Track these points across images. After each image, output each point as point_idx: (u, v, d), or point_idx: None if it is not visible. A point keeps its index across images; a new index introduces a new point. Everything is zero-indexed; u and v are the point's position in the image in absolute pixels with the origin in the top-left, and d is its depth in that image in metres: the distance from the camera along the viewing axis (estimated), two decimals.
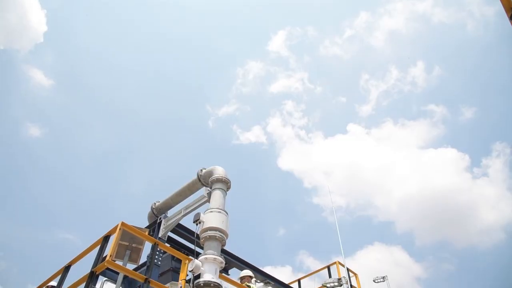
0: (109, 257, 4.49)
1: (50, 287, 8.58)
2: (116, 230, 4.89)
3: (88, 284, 4.53)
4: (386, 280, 16.84)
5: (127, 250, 5.95)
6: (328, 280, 9.35)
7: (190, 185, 6.40)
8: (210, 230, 5.20)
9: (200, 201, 6.17)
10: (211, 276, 4.79)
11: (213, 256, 4.95)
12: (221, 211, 5.46)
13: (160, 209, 6.64)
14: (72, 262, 5.51)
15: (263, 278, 8.40)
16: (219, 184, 5.88)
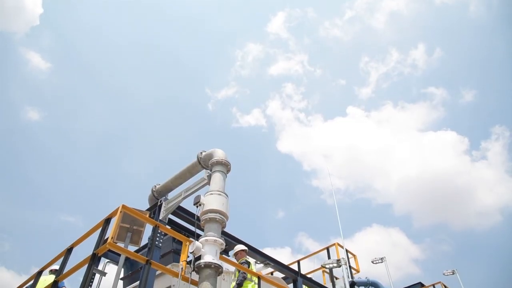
0: (110, 239, 4.53)
1: (53, 271, 8.71)
2: (117, 212, 4.92)
3: (91, 265, 4.59)
4: (384, 261, 17.11)
5: (128, 232, 6.00)
6: (327, 261, 9.46)
7: (190, 168, 6.41)
8: (211, 212, 5.24)
9: (200, 184, 6.20)
10: (211, 258, 4.85)
11: (214, 238, 5.00)
12: (221, 193, 5.49)
13: (160, 191, 6.67)
14: (74, 244, 5.56)
15: (262, 259, 8.50)
16: (219, 167, 5.89)
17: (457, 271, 16.63)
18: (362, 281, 13.19)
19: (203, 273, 4.77)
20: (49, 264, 6.05)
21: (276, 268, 8.83)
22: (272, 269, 9.53)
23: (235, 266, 6.30)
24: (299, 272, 9.02)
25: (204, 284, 4.66)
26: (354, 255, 13.41)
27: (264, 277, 6.91)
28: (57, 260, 5.83)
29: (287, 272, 8.86)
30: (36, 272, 6.22)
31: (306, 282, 9.37)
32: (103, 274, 6.91)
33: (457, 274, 16.65)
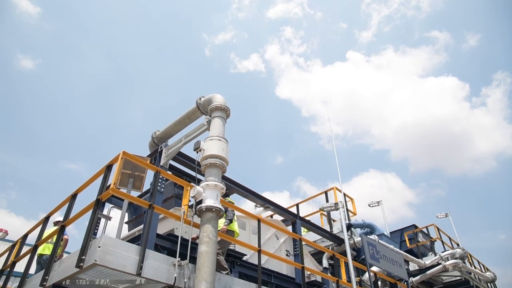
0: (113, 185, 4.60)
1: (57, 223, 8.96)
2: (118, 159, 4.96)
3: (95, 210, 4.70)
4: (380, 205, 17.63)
5: (130, 178, 6.10)
6: (326, 205, 9.72)
7: (189, 114, 6.38)
8: (211, 157, 5.29)
9: (200, 130, 6.20)
10: (212, 202, 4.97)
11: (214, 183, 5.09)
12: (221, 138, 5.50)
13: (160, 138, 6.69)
14: (78, 190, 5.66)
15: (262, 203, 8.73)
16: (218, 112, 5.86)
17: (450, 214, 17.19)
18: (358, 223, 13.67)
19: (205, 216, 4.91)
20: (56, 210, 6.21)
21: (276, 211, 9.10)
22: (271, 212, 9.83)
23: (235, 209, 6.48)
24: (298, 215, 9.31)
25: (206, 227, 4.82)
26: (352, 198, 13.78)
27: (264, 220, 7.15)
28: (62, 206, 5.96)
29: (286, 215, 9.14)
30: (43, 217, 6.40)
31: (304, 224, 9.70)
32: (108, 219, 7.13)
33: (450, 217, 17.22)
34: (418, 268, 13.55)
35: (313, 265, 9.76)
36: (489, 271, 16.98)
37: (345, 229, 9.18)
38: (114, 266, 4.13)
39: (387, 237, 14.01)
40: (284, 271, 8.25)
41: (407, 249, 14.55)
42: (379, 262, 9.01)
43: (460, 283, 14.72)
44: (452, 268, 13.34)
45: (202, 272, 4.45)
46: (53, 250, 5.11)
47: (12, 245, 7.55)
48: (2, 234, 20.64)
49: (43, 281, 4.70)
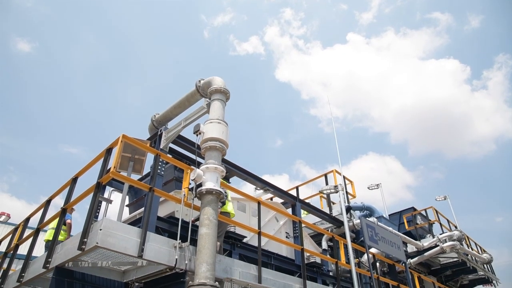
0: (113, 169, 4.61)
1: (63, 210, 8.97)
2: (117, 142, 4.95)
3: (96, 194, 4.72)
4: (380, 188, 17.72)
5: (130, 162, 6.10)
6: (325, 187, 9.76)
7: (189, 97, 6.34)
8: (211, 140, 5.28)
9: (199, 112, 6.17)
10: (212, 184, 4.99)
11: (214, 166, 5.09)
12: (221, 121, 5.49)
13: (160, 121, 6.67)
14: (78, 174, 5.67)
15: (262, 185, 8.77)
16: (218, 95, 5.82)
17: (448, 197, 17.30)
18: (357, 205, 13.76)
19: (205, 199, 4.94)
20: (57, 193, 6.23)
21: (276, 194, 9.15)
22: (271, 194, 9.88)
23: (235, 192, 6.51)
24: (298, 197, 9.37)
25: (206, 209, 4.85)
26: (351, 181, 13.84)
27: (264, 202, 7.19)
28: (63, 190, 5.98)
29: (286, 198, 9.19)
30: (45, 200, 6.43)
31: (304, 207, 9.77)
32: (109, 202, 7.17)
33: (448, 200, 17.33)
34: (416, 250, 13.72)
35: (313, 247, 9.88)
36: (486, 253, 17.20)
37: (344, 211, 9.24)
38: (115, 248, 4.17)
39: (386, 219, 14.15)
40: (284, 252, 8.35)
41: (405, 231, 14.70)
42: (377, 244, 9.11)
43: (457, 265, 14.93)
44: (450, 250, 13.50)
45: (202, 254, 4.50)
46: (55, 233, 5.15)
47: (14, 228, 7.61)
48: (5, 218, 20.83)
49: (46, 263, 4.76)
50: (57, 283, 4.53)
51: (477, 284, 18.12)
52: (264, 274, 5.78)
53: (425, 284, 13.64)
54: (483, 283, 17.99)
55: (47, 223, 5.95)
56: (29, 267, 5.45)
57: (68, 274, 4.72)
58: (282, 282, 6.12)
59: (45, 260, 4.79)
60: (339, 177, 12.55)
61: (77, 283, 4.79)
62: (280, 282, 6.07)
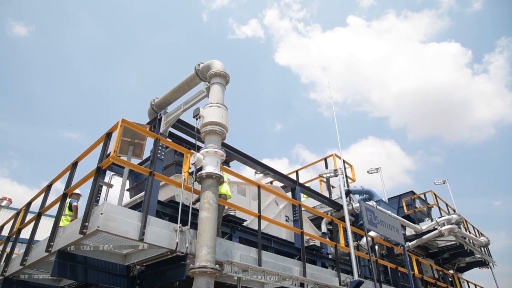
0: (113, 153, 4.60)
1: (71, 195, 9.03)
2: (117, 127, 4.94)
3: (96, 178, 4.72)
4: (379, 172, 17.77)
5: (130, 146, 6.10)
6: (325, 171, 9.79)
7: (188, 80, 6.30)
8: (210, 124, 5.27)
9: (199, 96, 6.14)
10: (212, 168, 5.00)
11: (214, 150, 5.09)
12: (221, 105, 5.46)
13: (159, 105, 6.64)
14: (78, 158, 5.67)
15: (262, 169, 8.79)
16: (217, 79, 5.78)
17: (447, 181, 17.37)
18: (357, 189, 13.84)
19: (205, 183, 4.95)
20: (58, 178, 6.24)
21: (275, 177, 9.18)
22: (271, 178, 9.91)
23: (235, 176, 6.53)
24: (298, 181, 9.40)
25: (207, 193, 4.87)
26: (351, 165, 13.88)
27: (264, 186, 7.22)
28: (64, 174, 5.99)
29: (286, 182, 9.23)
30: (46, 185, 6.45)
31: (304, 190, 9.82)
32: (110, 186, 7.22)
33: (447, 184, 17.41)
34: (415, 233, 13.85)
35: (312, 230, 9.97)
36: (483, 236, 17.37)
37: (344, 195, 9.29)
38: (116, 232, 4.20)
39: (385, 203, 14.23)
40: (284, 236, 8.43)
41: (404, 215, 14.81)
42: (376, 227, 9.19)
43: (454, 248, 15.09)
44: (448, 233, 13.63)
45: (203, 237, 4.54)
46: (56, 217, 5.19)
47: (16, 212, 7.66)
48: (6, 203, 20.97)
49: (48, 247, 4.80)
50: (59, 266, 4.58)
51: (473, 267, 18.38)
52: (264, 257, 5.85)
53: (423, 266, 13.81)
54: (480, 266, 18.24)
55: (49, 208, 5.98)
56: (32, 251, 5.51)
57: (71, 258, 4.77)
58: (282, 264, 6.19)
59: (47, 244, 4.83)
60: (339, 161, 12.56)
61: (80, 266, 4.84)
62: (280, 264, 6.14)
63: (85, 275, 4.86)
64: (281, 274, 5.87)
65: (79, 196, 8.71)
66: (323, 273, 7.19)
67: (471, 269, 18.65)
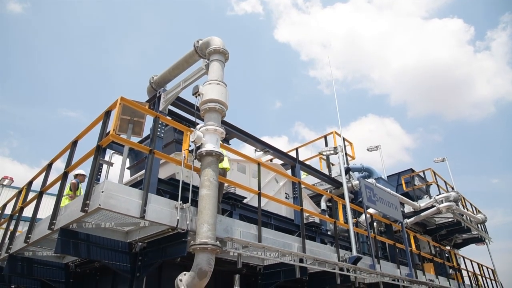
0: (112, 131, 4.59)
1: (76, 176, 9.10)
2: (116, 105, 4.90)
3: (96, 156, 4.73)
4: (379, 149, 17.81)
5: (130, 124, 6.08)
6: (325, 149, 9.80)
7: (187, 58, 6.21)
8: (210, 102, 5.23)
9: (198, 74, 6.07)
10: (212, 146, 4.99)
11: (214, 127, 5.07)
12: (220, 83, 5.41)
13: (158, 83, 6.57)
14: (78, 137, 5.66)
15: (262, 147, 8.80)
16: (216, 56, 5.70)
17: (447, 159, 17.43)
18: (356, 167, 13.90)
19: (205, 160, 4.96)
20: (58, 157, 6.25)
21: (275, 155, 9.20)
22: (271, 156, 9.94)
23: (235, 153, 6.54)
24: (298, 159, 9.42)
25: (207, 171, 4.88)
26: (351, 143, 13.89)
27: (263, 164, 7.24)
28: (64, 153, 6.00)
29: (286, 159, 9.25)
30: (46, 164, 6.47)
31: (304, 168, 9.86)
32: (110, 165, 7.22)
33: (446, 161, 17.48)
34: (413, 210, 14.00)
35: (312, 207, 10.07)
36: (480, 213, 17.58)
37: (343, 172, 9.34)
38: (118, 210, 4.23)
39: (384, 180, 14.32)
40: (284, 213, 8.52)
41: (403, 192, 14.93)
42: (375, 205, 9.28)
43: (452, 224, 15.30)
44: (446, 210, 13.78)
45: (203, 214, 4.58)
46: (58, 195, 5.22)
47: (18, 191, 7.71)
48: (8, 182, 21.09)
49: (51, 224, 4.85)
50: (62, 243, 4.64)
51: (470, 243, 18.69)
52: (264, 233, 5.92)
53: (420, 242, 14.02)
54: (476, 242, 18.54)
55: (50, 187, 6.01)
56: (35, 229, 5.57)
57: (73, 235, 4.82)
58: (282, 241, 6.27)
59: (49, 222, 4.88)
60: (339, 138, 12.58)
61: (82, 244, 4.90)
62: (280, 241, 6.22)
63: (88, 252, 4.93)
64: (280, 250, 5.96)
65: (84, 177, 8.75)
66: (322, 249, 7.29)
67: (468, 245, 18.97)
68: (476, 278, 15.76)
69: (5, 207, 8.72)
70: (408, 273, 9.45)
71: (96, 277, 6.59)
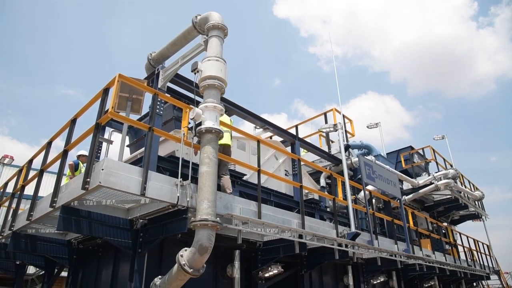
0: (111, 109, 4.55)
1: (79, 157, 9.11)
2: (114, 82, 4.85)
3: (96, 134, 4.71)
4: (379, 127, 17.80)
5: (128, 102, 6.03)
6: (324, 126, 9.79)
7: (185, 34, 6.10)
8: (209, 78, 5.17)
9: (197, 50, 5.98)
10: (212, 123, 4.97)
11: (213, 104, 5.04)
12: (219, 59, 5.33)
13: (156, 59, 6.48)
14: (77, 115, 5.62)
15: (262, 124, 8.77)
16: (215, 31, 5.60)
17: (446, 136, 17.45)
18: (356, 144, 13.92)
19: (205, 138, 4.95)
20: (57, 135, 6.23)
21: (275, 132, 9.18)
22: (271, 133, 9.93)
23: (235, 130, 6.52)
24: (297, 136, 9.41)
25: (206, 148, 4.88)
26: (350, 120, 13.86)
27: (263, 141, 7.24)
28: (63, 131, 5.97)
29: (286, 136, 9.24)
30: (46, 142, 6.46)
31: (303, 145, 9.86)
32: (110, 142, 7.22)
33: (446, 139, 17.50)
34: (411, 187, 14.11)
35: (311, 184, 10.13)
36: (478, 190, 17.73)
37: (343, 150, 9.36)
38: (118, 187, 4.25)
39: (383, 157, 14.37)
40: (283, 190, 8.58)
41: (402, 169, 15.02)
42: (374, 182, 9.34)
43: (449, 201, 15.44)
44: (444, 188, 13.90)
45: (203, 191, 4.60)
46: (58, 174, 5.24)
47: (19, 170, 7.73)
48: (8, 160, 21.15)
49: (52, 202, 4.88)
50: (64, 220, 4.68)
51: (466, 219, 18.93)
52: (263, 210, 5.97)
53: (418, 219, 14.20)
54: (473, 218, 18.79)
55: (50, 165, 6.03)
56: (37, 207, 5.61)
57: (75, 212, 4.86)
58: (281, 217, 6.34)
59: (51, 200, 4.91)
60: (339, 115, 12.54)
61: (84, 221, 4.95)
62: (279, 217, 6.29)
63: (90, 229, 4.98)
64: (280, 226, 6.03)
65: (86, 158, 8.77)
66: (321, 226, 7.38)
67: (464, 221, 19.22)
68: (471, 253, 16.05)
69: (7, 185, 8.77)
70: (406, 249, 9.61)
71: (98, 253, 6.70)
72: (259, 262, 6.67)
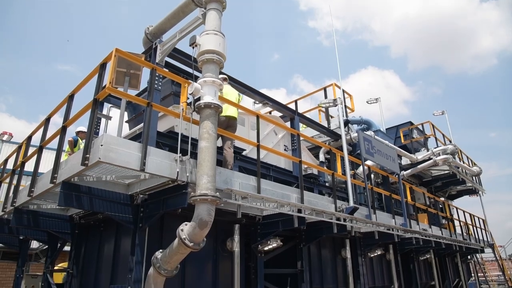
0: (108, 84, 4.50)
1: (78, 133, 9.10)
2: (111, 57, 4.78)
3: (94, 110, 4.68)
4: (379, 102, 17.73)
5: (126, 77, 5.96)
6: (324, 101, 9.75)
7: (182, 7, 5.96)
8: (207, 53, 5.10)
9: (195, 23, 5.86)
10: (211, 98, 4.93)
11: (212, 79, 4.99)
12: (218, 33, 5.24)
13: (154, 33, 6.36)
14: (74, 91, 5.58)
15: (261, 99, 8.72)
16: (213, 4, 5.47)
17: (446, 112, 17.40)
18: (355, 119, 13.90)
19: (204, 113, 4.92)
20: (55, 111, 6.19)
21: (274, 107, 9.13)
22: (270, 108, 9.89)
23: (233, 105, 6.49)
24: (297, 111, 9.38)
25: (205, 123, 4.86)
26: (350, 95, 13.79)
27: (262, 116, 7.21)
28: (61, 107, 5.93)
29: (285, 111, 9.21)
30: (44, 119, 6.43)
31: (302, 120, 9.83)
32: (108, 118, 7.19)
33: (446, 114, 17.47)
34: (410, 163, 14.19)
35: (310, 159, 10.18)
36: (476, 166, 17.85)
37: (342, 125, 9.35)
38: (117, 163, 4.26)
39: (383, 133, 14.39)
40: (282, 164, 8.62)
41: (401, 145, 15.05)
42: (373, 157, 9.37)
43: (447, 176, 15.58)
44: (442, 163, 13.98)
45: (203, 166, 4.62)
46: (57, 150, 5.24)
47: (18, 146, 7.73)
48: (7, 137, 21.16)
49: (52, 178, 4.90)
50: (65, 196, 4.71)
51: (464, 194, 19.16)
52: (263, 185, 6.01)
53: (416, 194, 14.35)
54: (470, 194, 19.01)
55: (49, 141, 6.02)
56: (37, 183, 5.64)
57: (75, 188, 4.89)
58: (280, 192, 6.40)
59: (51, 176, 4.93)
60: (338, 91, 12.47)
61: (85, 196, 4.99)
62: (278, 192, 6.34)
63: (91, 204, 5.02)
64: (279, 201, 6.08)
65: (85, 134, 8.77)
66: (320, 200, 7.46)
67: (461, 196, 19.45)
68: (467, 227, 16.30)
69: (7, 162, 8.80)
70: (403, 223, 9.74)
71: (100, 228, 6.79)
72: (259, 236, 6.77)
